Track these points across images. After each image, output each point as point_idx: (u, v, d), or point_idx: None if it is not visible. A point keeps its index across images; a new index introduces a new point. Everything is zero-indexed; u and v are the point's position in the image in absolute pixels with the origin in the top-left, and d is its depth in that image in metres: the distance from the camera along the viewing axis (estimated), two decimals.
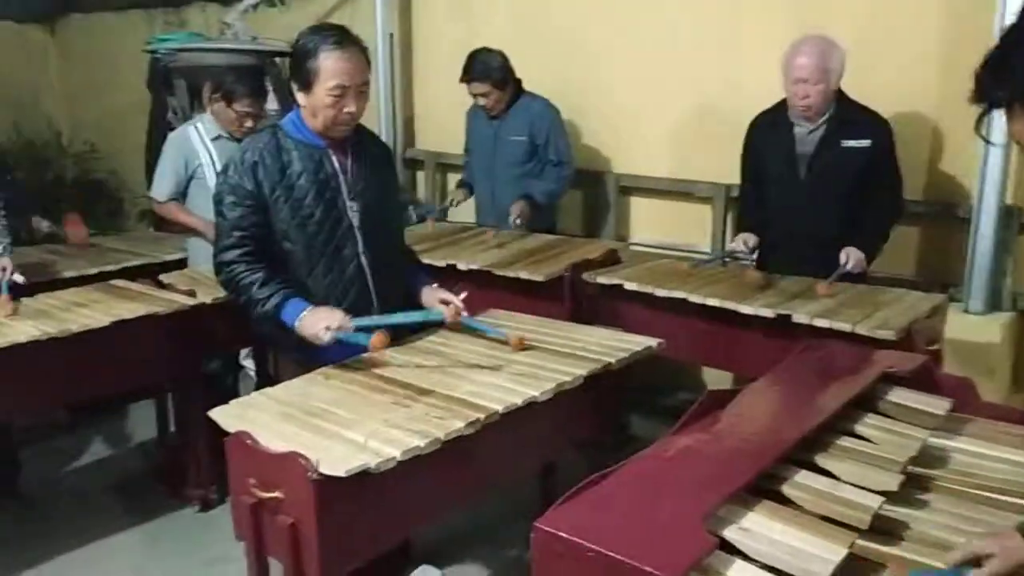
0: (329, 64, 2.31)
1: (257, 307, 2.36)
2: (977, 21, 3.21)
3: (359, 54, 2.37)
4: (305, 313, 2.33)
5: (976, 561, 1.36)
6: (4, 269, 3.00)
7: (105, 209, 7.01)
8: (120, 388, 3.41)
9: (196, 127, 3.77)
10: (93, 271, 3.63)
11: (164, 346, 3.07)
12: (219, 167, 3.67)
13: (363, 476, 1.75)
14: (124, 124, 6.59)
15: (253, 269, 2.38)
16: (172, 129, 4.79)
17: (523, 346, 2.45)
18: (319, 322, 2.29)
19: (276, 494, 1.81)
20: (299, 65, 2.35)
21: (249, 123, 3.65)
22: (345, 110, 2.36)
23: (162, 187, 3.75)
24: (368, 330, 2.32)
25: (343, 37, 2.35)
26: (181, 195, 3.78)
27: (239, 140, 3.69)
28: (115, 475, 3.72)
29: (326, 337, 2.28)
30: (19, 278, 3.03)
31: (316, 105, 2.36)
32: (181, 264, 3.85)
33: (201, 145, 3.71)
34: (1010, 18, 3.00)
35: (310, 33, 2.38)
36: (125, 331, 2.86)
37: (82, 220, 4.19)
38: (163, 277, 3.38)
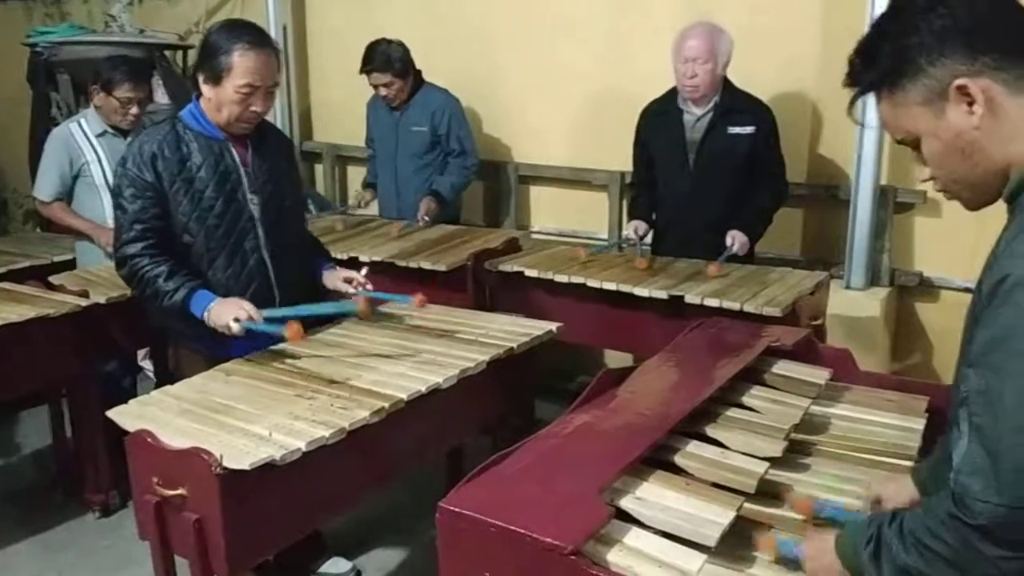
0: (242, 62, 2.31)
1: (164, 299, 2.33)
2: (852, 11, 3.38)
3: (273, 55, 2.39)
4: (213, 304, 2.31)
5: (877, 500, 1.54)
6: None
7: None
8: (11, 394, 3.28)
9: (79, 123, 3.65)
10: None
11: (57, 349, 2.98)
12: (106, 164, 3.59)
13: (268, 469, 1.76)
14: (3, 120, 6.31)
15: (158, 262, 2.35)
16: (57, 125, 4.64)
17: (425, 304, 2.54)
18: (228, 313, 2.28)
19: (180, 491, 1.80)
20: (210, 58, 2.34)
21: (134, 109, 3.57)
22: (252, 108, 2.37)
23: (46, 187, 3.63)
24: (280, 321, 2.30)
25: (258, 37, 2.36)
26: (67, 195, 3.66)
27: (126, 135, 3.61)
28: (8, 485, 3.58)
29: (236, 328, 2.26)
30: None
31: (223, 100, 2.35)
32: (72, 265, 3.73)
33: (86, 142, 3.60)
34: (881, 7, 3.19)
35: (226, 28, 2.38)
36: (14, 335, 2.77)
37: None
38: (53, 278, 3.27)
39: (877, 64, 1.20)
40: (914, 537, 1.14)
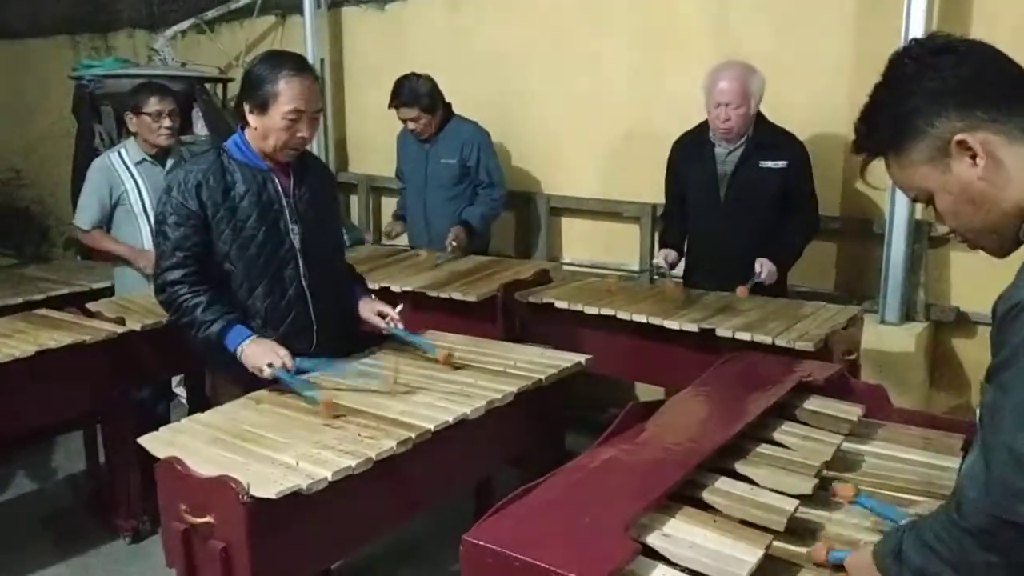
0: (288, 89, 2.35)
1: (200, 330, 2.36)
2: (883, 43, 3.35)
3: (315, 82, 2.45)
4: (248, 343, 2.34)
5: None
6: None
7: (31, 236, 6.86)
8: (48, 420, 3.32)
9: (119, 153, 3.75)
10: (18, 300, 3.55)
11: (92, 375, 3.03)
12: (144, 191, 3.67)
13: (295, 498, 1.76)
14: (49, 150, 6.48)
15: (197, 291, 2.38)
16: (99, 155, 4.76)
17: (450, 362, 2.49)
18: (263, 356, 2.31)
19: (207, 519, 1.80)
20: (256, 88, 2.38)
21: (166, 122, 3.66)
22: (298, 134, 2.41)
23: (86, 216, 3.71)
24: (310, 378, 2.32)
25: (302, 65, 2.42)
26: (106, 222, 3.74)
27: (163, 163, 3.69)
28: (42, 509, 3.62)
29: (268, 373, 2.29)
30: None
31: (270, 127, 2.39)
32: (109, 292, 3.79)
33: (125, 170, 3.69)
34: (915, 33, 3.18)
35: (269, 58, 2.44)
36: (52, 361, 2.81)
37: None
38: (91, 305, 3.33)
39: (879, 131, 1.28)
40: (921, 540, 1.23)
